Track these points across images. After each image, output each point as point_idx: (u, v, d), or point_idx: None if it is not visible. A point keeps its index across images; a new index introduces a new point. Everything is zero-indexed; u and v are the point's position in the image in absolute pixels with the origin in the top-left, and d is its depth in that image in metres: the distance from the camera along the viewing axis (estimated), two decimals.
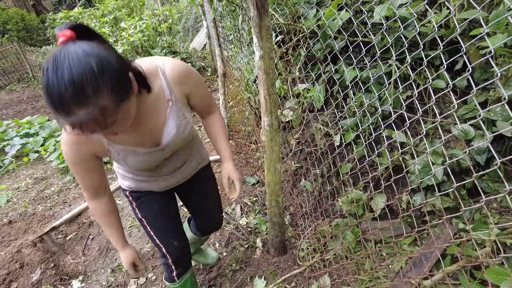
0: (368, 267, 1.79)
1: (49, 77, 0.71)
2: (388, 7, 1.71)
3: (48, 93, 0.72)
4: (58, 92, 0.71)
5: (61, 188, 3.73)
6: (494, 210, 1.80)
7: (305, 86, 2.24)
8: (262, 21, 1.40)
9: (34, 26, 12.34)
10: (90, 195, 1.20)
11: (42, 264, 2.26)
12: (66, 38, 0.75)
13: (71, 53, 0.72)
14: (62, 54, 0.72)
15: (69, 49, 0.73)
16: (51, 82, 0.71)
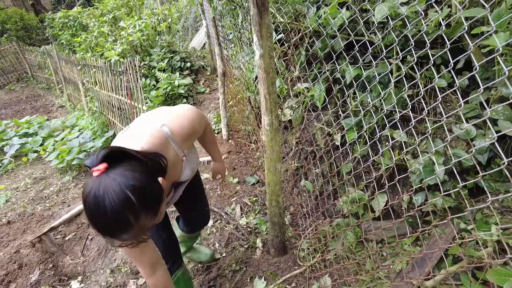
0: (369, 267, 1.78)
1: (93, 212, 0.81)
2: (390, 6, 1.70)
3: (94, 224, 0.83)
4: (104, 225, 0.82)
5: (60, 188, 3.72)
6: (495, 210, 1.79)
7: (306, 85, 2.23)
8: (262, 19, 1.38)
9: (33, 25, 12.29)
10: (147, 271, 1.21)
11: (41, 265, 2.24)
12: (101, 172, 0.83)
13: (108, 188, 0.79)
14: (101, 191, 0.79)
15: (106, 184, 0.80)
16: (95, 217, 0.81)
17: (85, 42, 6.01)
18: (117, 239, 0.86)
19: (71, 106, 6.96)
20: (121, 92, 4.16)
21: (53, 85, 8.85)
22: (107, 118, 4.91)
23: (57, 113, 7.17)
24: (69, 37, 8.01)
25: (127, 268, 2.16)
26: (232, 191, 2.85)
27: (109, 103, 4.69)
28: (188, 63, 5.18)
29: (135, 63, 3.59)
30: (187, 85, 4.84)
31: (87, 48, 5.98)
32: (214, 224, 2.47)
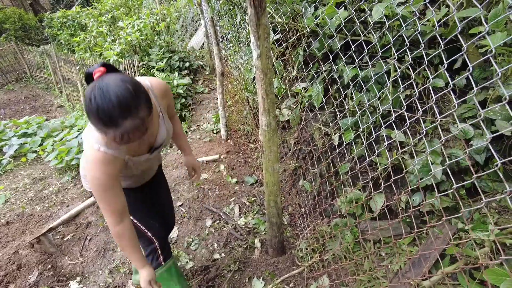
0: (367, 268, 1.78)
1: (98, 102, 0.92)
2: (387, 6, 1.70)
3: (99, 114, 0.92)
4: (108, 112, 0.92)
5: (59, 188, 3.72)
6: (493, 210, 1.79)
7: (303, 85, 2.23)
8: (260, 20, 1.38)
9: (31, 25, 12.27)
10: (116, 219, 1.23)
11: (39, 265, 2.24)
12: (102, 73, 1.00)
13: (110, 82, 0.94)
14: (104, 84, 0.93)
15: (107, 80, 0.94)
16: (101, 106, 0.92)
17: (84, 42, 6.00)
18: (122, 128, 0.95)
19: (70, 106, 6.96)
20: None
21: (52, 85, 8.84)
22: None
23: (56, 113, 7.16)
24: (67, 37, 8.00)
25: (125, 268, 2.16)
26: (230, 191, 2.85)
27: None
28: (186, 63, 5.18)
29: (134, 63, 3.59)
30: (186, 85, 4.83)
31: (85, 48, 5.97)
32: (213, 224, 2.47)
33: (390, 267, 1.75)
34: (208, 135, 4.12)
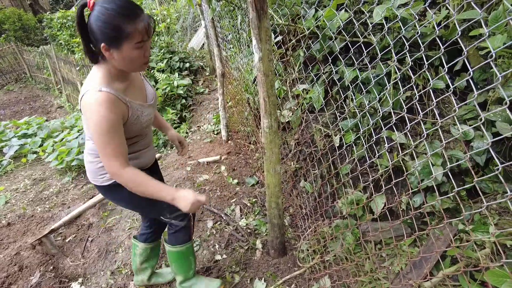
0: (368, 269, 1.79)
1: (115, 5, 1.08)
2: (388, 8, 1.71)
3: (122, 12, 1.08)
4: (129, 6, 1.10)
5: (60, 189, 3.72)
6: (493, 211, 1.80)
7: (304, 87, 2.24)
8: (261, 23, 1.39)
9: (31, 25, 12.27)
10: (123, 163, 1.22)
11: (41, 267, 2.25)
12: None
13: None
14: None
15: None
16: (119, 5, 1.09)
17: None
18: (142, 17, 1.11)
19: (70, 106, 6.96)
20: None
21: (52, 86, 8.84)
22: None
23: (56, 114, 7.17)
24: (67, 37, 8.00)
25: (127, 269, 2.17)
26: (231, 192, 2.86)
27: None
28: (187, 63, 5.18)
29: None
30: (186, 85, 4.84)
31: None
32: (214, 226, 2.47)
33: (391, 268, 1.76)
34: (209, 136, 4.12)
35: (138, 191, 1.26)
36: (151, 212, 1.61)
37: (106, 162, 1.22)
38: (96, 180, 1.45)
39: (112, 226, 2.63)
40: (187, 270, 1.79)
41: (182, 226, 1.61)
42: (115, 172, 1.22)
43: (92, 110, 1.15)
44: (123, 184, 1.26)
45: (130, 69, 1.25)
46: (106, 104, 1.14)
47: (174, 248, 1.68)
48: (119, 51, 1.15)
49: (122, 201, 1.53)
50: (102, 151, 1.20)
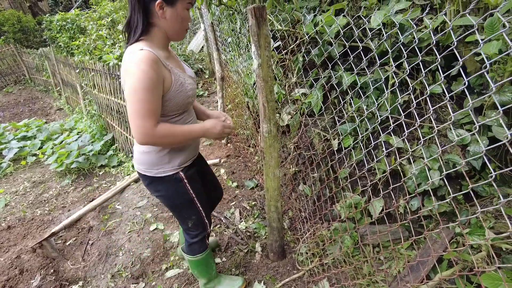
0: (366, 272, 1.81)
1: None
2: (385, 14, 1.73)
3: None
4: None
5: (59, 191, 3.73)
6: (490, 214, 1.82)
7: (303, 91, 2.26)
8: (261, 30, 1.41)
9: (30, 27, 12.26)
10: (154, 122, 1.19)
11: (41, 270, 2.26)
12: None
13: None
14: None
15: None
16: None
17: (83, 45, 6.01)
18: None
19: (70, 108, 6.96)
20: (120, 96, 4.18)
21: (51, 88, 8.84)
22: (106, 121, 4.92)
23: (55, 116, 7.17)
24: (67, 39, 8.00)
25: (127, 273, 2.18)
26: (231, 195, 2.87)
27: (107, 106, 4.70)
28: None
29: None
30: None
31: (85, 51, 5.98)
32: (214, 229, 2.49)
33: (389, 271, 1.78)
34: None
35: (175, 141, 1.28)
36: (180, 215, 1.61)
37: (138, 121, 1.16)
38: (150, 170, 1.42)
39: (113, 229, 2.64)
40: (209, 273, 1.86)
41: (199, 238, 1.68)
42: (147, 132, 1.17)
43: (133, 67, 1.14)
44: (159, 143, 1.24)
45: (177, 32, 1.29)
46: (147, 61, 1.14)
47: (194, 258, 1.74)
48: (173, 9, 1.22)
49: (164, 197, 1.52)
50: (135, 108, 1.15)
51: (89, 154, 4.27)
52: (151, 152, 1.39)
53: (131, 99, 1.16)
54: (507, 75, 1.62)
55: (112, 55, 4.66)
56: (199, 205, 1.58)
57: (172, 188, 1.47)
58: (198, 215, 1.60)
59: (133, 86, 1.14)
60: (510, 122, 1.75)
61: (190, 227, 1.63)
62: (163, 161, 1.40)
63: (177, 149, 1.42)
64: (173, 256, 2.28)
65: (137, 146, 1.44)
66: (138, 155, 1.44)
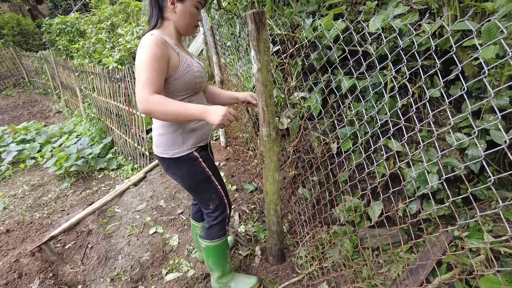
0: (365, 275, 1.81)
1: None
2: (383, 19, 1.74)
3: None
4: None
5: (58, 195, 3.73)
6: (488, 217, 1.83)
7: (302, 95, 2.27)
8: (260, 35, 1.42)
9: (30, 31, 12.30)
10: (152, 90, 1.27)
11: (40, 274, 2.25)
12: None
13: None
14: None
15: None
16: None
17: (82, 48, 6.03)
18: None
19: (69, 112, 6.97)
20: (119, 99, 4.19)
21: (50, 91, 8.85)
22: (105, 124, 4.93)
23: (54, 119, 7.17)
24: (66, 42, 8.02)
25: (127, 276, 2.18)
26: (230, 198, 2.87)
27: (107, 110, 4.71)
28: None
29: (133, 70, 3.63)
30: None
31: (84, 54, 5.99)
32: None
33: (388, 274, 1.78)
34: None
35: (169, 112, 1.27)
36: (200, 195, 1.67)
37: (139, 90, 1.26)
38: (166, 152, 1.52)
39: (112, 233, 2.64)
40: (224, 264, 1.87)
41: (220, 219, 1.72)
42: (144, 98, 1.25)
43: (142, 47, 1.28)
44: (154, 112, 1.26)
45: (186, 26, 1.44)
46: (154, 41, 1.27)
47: (212, 243, 1.76)
48: (183, 4, 1.38)
49: (182, 177, 1.59)
50: (138, 79, 1.27)
51: (88, 157, 4.27)
52: (165, 134, 1.49)
53: (136, 72, 1.29)
54: (504, 79, 1.63)
55: (112, 58, 4.67)
56: (216, 183, 1.65)
57: (189, 168, 1.55)
58: (217, 193, 1.67)
59: (139, 61, 1.28)
60: (508, 126, 1.76)
61: (211, 208, 1.69)
62: (177, 142, 1.49)
63: (188, 130, 1.50)
64: (173, 259, 2.28)
65: (154, 130, 1.54)
66: (155, 138, 1.55)
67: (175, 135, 1.49)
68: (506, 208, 1.75)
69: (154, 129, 1.55)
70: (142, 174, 3.54)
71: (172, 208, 2.85)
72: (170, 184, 3.20)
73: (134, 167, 4.08)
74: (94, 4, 8.23)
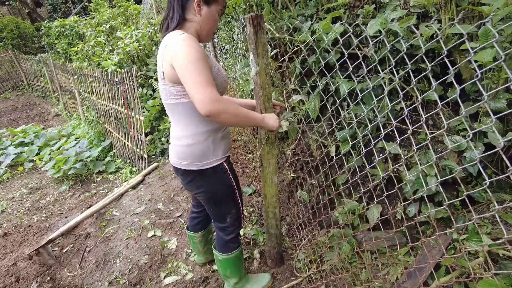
0: (364, 278, 1.81)
1: None
2: (381, 22, 1.75)
3: None
4: None
5: (57, 198, 3.72)
6: (486, 220, 1.83)
7: (299, 98, 2.27)
8: (258, 38, 1.43)
9: (29, 34, 12.31)
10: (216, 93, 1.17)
11: (38, 278, 2.24)
12: None
13: None
14: None
15: None
16: None
17: (81, 51, 6.03)
18: None
19: (67, 114, 6.96)
20: (118, 102, 4.19)
21: (49, 94, 8.85)
22: (104, 127, 4.93)
23: (53, 122, 7.15)
24: (65, 45, 8.03)
25: (125, 280, 2.17)
26: None
27: (105, 113, 4.71)
28: None
29: (132, 72, 3.63)
30: None
31: (83, 57, 6.00)
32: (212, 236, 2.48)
33: (387, 277, 1.78)
34: None
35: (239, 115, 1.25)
36: (220, 209, 1.60)
37: (201, 90, 1.14)
38: (195, 163, 1.42)
39: (110, 236, 2.63)
40: (241, 270, 1.86)
41: (235, 234, 1.70)
42: (215, 97, 1.15)
43: (180, 45, 1.19)
44: (222, 112, 1.16)
45: (207, 30, 1.39)
46: (192, 39, 1.23)
47: (230, 255, 1.74)
48: (208, 8, 1.34)
49: (207, 190, 1.51)
50: (196, 79, 1.15)
51: (86, 160, 4.26)
52: (195, 144, 1.39)
53: (188, 73, 1.16)
54: (501, 82, 1.64)
55: (111, 61, 4.67)
56: (238, 199, 1.62)
57: (217, 180, 1.49)
58: (237, 209, 1.64)
59: (187, 60, 1.16)
60: (506, 129, 1.77)
61: (227, 223, 1.65)
62: (208, 152, 1.42)
63: (219, 139, 1.45)
64: (171, 263, 2.28)
65: (180, 140, 1.42)
66: (181, 149, 1.42)
67: (206, 144, 1.40)
68: (505, 211, 1.76)
69: (178, 140, 1.43)
70: (141, 177, 3.53)
71: (171, 211, 2.84)
72: (169, 187, 3.20)
73: (132, 170, 4.08)
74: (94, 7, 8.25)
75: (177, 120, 1.40)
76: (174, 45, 1.20)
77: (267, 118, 1.42)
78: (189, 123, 1.37)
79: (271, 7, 2.36)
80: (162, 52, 1.28)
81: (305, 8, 2.32)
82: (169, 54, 1.22)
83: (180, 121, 1.39)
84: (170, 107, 1.38)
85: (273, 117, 1.44)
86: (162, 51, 1.28)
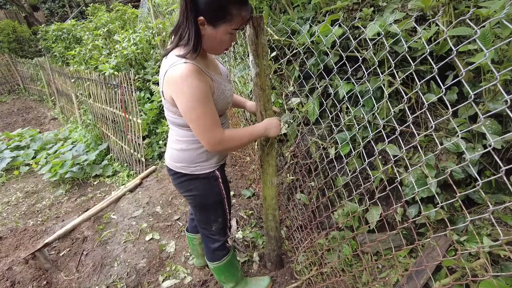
0: (365, 280, 1.80)
1: None
2: (380, 25, 1.76)
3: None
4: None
5: (53, 202, 3.68)
6: (486, 221, 1.83)
7: (298, 100, 2.27)
8: (259, 39, 1.43)
9: (25, 37, 12.28)
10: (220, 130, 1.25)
11: (34, 282, 2.21)
12: None
13: None
14: None
15: None
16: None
17: (79, 55, 6.02)
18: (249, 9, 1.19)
19: (64, 118, 6.92)
20: (115, 105, 4.17)
21: (46, 97, 8.80)
22: (101, 131, 4.90)
23: (49, 126, 7.11)
24: (62, 49, 8.01)
25: (123, 284, 2.14)
26: None
27: (103, 116, 4.69)
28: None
29: (130, 76, 3.62)
30: None
31: (81, 60, 5.98)
32: None
33: (388, 279, 1.77)
34: None
35: (243, 142, 1.35)
36: (207, 216, 1.60)
37: (208, 134, 1.22)
38: (187, 167, 1.44)
39: (108, 240, 2.60)
40: (236, 274, 1.85)
41: (221, 242, 1.67)
42: (219, 141, 1.24)
43: (182, 84, 1.14)
44: (227, 148, 1.29)
45: (212, 50, 1.30)
46: (194, 74, 1.15)
47: (220, 263, 1.73)
48: (214, 29, 1.18)
49: (196, 195, 1.51)
50: (201, 123, 1.20)
51: (83, 164, 4.23)
52: (189, 150, 1.41)
53: (193, 117, 1.20)
54: (500, 83, 1.65)
55: (108, 64, 4.66)
56: (226, 208, 1.61)
57: (207, 187, 1.49)
58: (224, 218, 1.62)
59: (190, 104, 1.17)
60: (504, 130, 1.78)
61: (213, 231, 1.63)
62: (201, 159, 1.43)
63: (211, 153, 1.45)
64: (169, 266, 2.25)
65: (175, 144, 1.44)
66: (176, 152, 1.45)
67: (200, 151, 1.41)
68: (504, 212, 1.76)
69: (173, 143, 1.45)
70: (138, 180, 3.51)
71: (169, 214, 2.82)
72: (167, 190, 3.18)
73: (130, 174, 4.05)
74: (91, 11, 8.24)
75: (174, 126, 1.43)
76: (175, 82, 1.16)
77: (269, 127, 1.43)
78: (184, 131, 1.39)
79: (270, 11, 2.37)
80: (163, 73, 1.22)
81: (304, 11, 2.33)
82: (169, 86, 1.20)
83: (176, 127, 1.41)
84: (168, 115, 1.39)
85: (274, 124, 1.44)
86: (163, 72, 1.23)
